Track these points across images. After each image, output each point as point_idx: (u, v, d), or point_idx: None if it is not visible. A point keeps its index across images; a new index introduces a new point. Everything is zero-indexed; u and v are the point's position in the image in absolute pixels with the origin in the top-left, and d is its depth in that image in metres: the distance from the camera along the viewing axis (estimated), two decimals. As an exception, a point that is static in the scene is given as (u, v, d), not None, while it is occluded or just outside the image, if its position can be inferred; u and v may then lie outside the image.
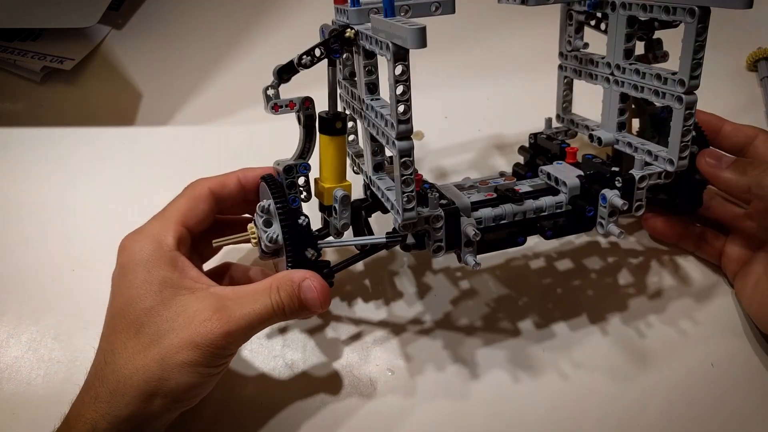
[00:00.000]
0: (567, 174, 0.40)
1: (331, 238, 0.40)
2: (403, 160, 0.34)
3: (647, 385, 0.42)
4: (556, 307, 0.46)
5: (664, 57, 0.43)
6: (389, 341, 0.45)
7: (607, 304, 0.46)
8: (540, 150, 0.46)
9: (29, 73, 0.62)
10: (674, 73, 0.37)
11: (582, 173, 0.40)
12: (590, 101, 0.45)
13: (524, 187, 0.42)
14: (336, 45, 0.35)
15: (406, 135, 0.33)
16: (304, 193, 0.40)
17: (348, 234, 0.41)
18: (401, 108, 0.33)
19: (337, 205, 0.38)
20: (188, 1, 0.69)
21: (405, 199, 0.35)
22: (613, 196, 0.38)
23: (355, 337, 0.45)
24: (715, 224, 0.47)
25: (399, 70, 0.32)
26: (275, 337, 0.45)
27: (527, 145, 0.48)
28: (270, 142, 0.49)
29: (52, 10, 0.60)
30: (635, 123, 0.46)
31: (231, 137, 0.57)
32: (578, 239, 0.49)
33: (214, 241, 0.40)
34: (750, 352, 0.44)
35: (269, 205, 0.37)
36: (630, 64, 0.40)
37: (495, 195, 0.41)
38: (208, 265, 0.44)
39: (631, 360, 0.44)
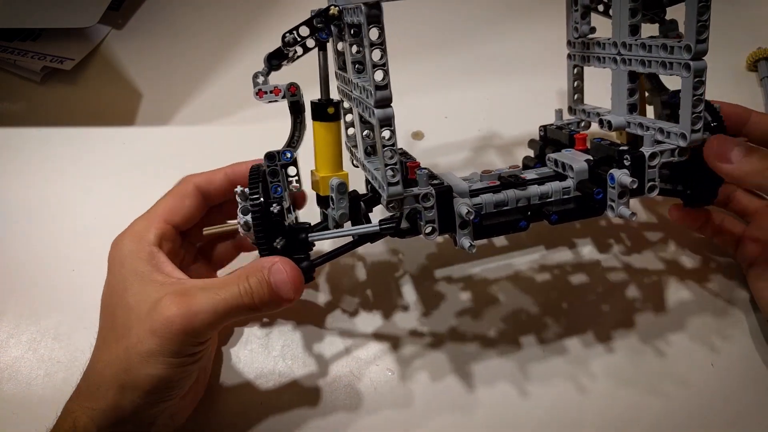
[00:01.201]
0: (575, 159, 0.39)
1: (324, 231, 0.38)
2: (384, 128, 0.33)
3: (647, 385, 0.42)
4: (556, 314, 0.46)
5: (679, 39, 0.40)
6: (389, 344, 0.45)
7: (608, 309, 0.46)
8: (550, 141, 0.46)
9: (29, 73, 0.62)
10: (680, 41, 0.36)
11: (591, 158, 0.39)
12: (604, 94, 0.45)
13: (530, 175, 0.40)
14: (321, 23, 0.35)
15: (384, 102, 0.32)
16: (295, 184, 0.39)
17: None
18: (378, 74, 0.32)
19: (333, 194, 0.36)
20: (188, 1, 0.69)
21: (389, 172, 0.33)
22: (621, 174, 0.36)
23: (355, 339, 0.45)
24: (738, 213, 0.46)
25: (375, 34, 0.31)
26: (275, 339, 0.45)
27: (537, 138, 0.48)
28: (270, 142, 0.48)
29: (52, 10, 0.60)
30: (650, 113, 0.45)
31: (231, 137, 0.57)
32: (584, 248, 0.49)
33: (204, 229, 0.39)
34: (750, 352, 0.44)
35: (242, 192, 0.36)
36: (636, 39, 0.38)
37: (498, 183, 0.39)
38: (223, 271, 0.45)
39: (632, 360, 0.44)
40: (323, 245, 0.44)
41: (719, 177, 0.39)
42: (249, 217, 0.36)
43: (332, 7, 0.35)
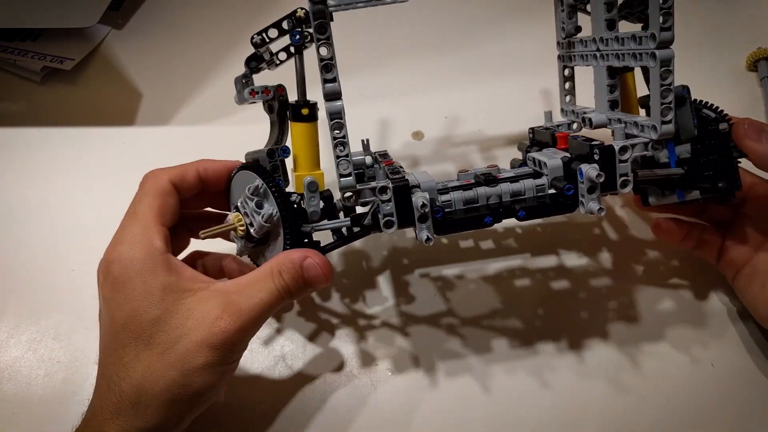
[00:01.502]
0: (551, 157, 0.38)
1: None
2: (333, 121, 0.34)
3: (648, 385, 0.42)
4: (555, 311, 0.46)
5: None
6: (389, 345, 0.45)
7: (606, 307, 0.46)
8: (537, 143, 0.45)
9: (29, 73, 0.62)
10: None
11: (568, 155, 0.38)
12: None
13: (508, 173, 0.39)
14: (290, 26, 0.35)
15: (332, 96, 0.34)
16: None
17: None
18: (326, 69, 0.33)
19: (305, 192, 0.37)
20: (188, 1, 0.69)
21: (342, 165, 0.35)
22: (590, 168, 0.35)
23: (355, 340, 0.45)
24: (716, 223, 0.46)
25: (320, 29, 0.33)
26: (275, 337, 0.45)
27: (528, 137, 0.48)
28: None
29: (52, 10, 0.60)
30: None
31: (231, 137, 0.57)
32: (570, 255, 0.49)
33: (201, 231, 0.38)
34: (750, 352, 0.44)
35: (260, 186, 0.36)
36: (612, 34, 0.38)
37: (473, 182, 0.38)
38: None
39: (631, 361, 0.44)
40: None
41: (735, 172, 0.39)
42: (266, 210, 0.36)
43: (299, 9, 0.35)
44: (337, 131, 0.34)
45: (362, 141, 0.45)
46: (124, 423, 0.32)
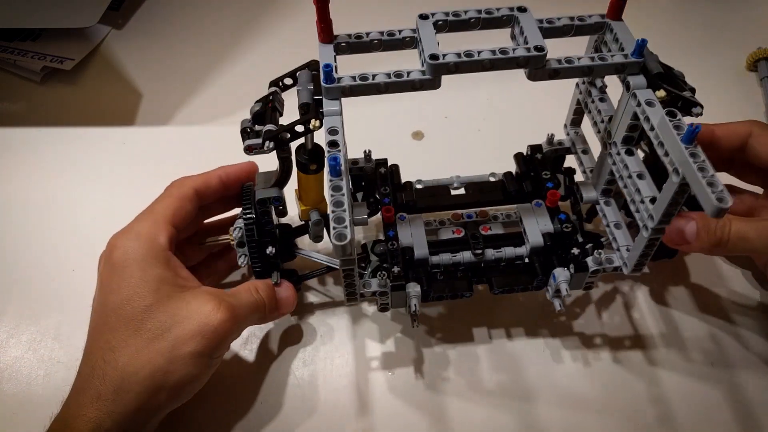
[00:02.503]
0: (535, 228, 0.42)
1: (304, 249, 0.43)
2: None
3: (647, 385, 0.42)
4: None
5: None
6: (389, 345, 0.45)
7: (607, 303, 0.46)
8: (532, 163, 0.46)
9: (29, 73, 0.62)
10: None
11: (551, 229, 0.41)
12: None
13: (495, 226, 0.44)
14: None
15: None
16: (279, 214, 0.43)
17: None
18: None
19: (311, 223, 0.41)
20: (188, 1, 0.69)
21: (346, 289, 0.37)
22: (562, 281, 0.39)
23: (355, 340, 0.45)
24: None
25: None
26: (275, 339, 0.45)
27: (525, 152, 0.47)
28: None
29: (52, 10, 0.60)
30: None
31: (231, 137, 0.57)
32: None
33: (202, 240, 0.43)
34: (749, 352, 0.44)
35: (241, 233, 0.39)
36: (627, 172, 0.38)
37: (462, 234, 0.43)
38: None
39: (631, 361, 0.44)
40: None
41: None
42: (244, 254, 0.40)
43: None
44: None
45: (364, 152, 0.45)
46: (102, 408, 0.33)
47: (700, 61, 0.61)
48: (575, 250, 0.40)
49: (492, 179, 0.46)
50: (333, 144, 0.34)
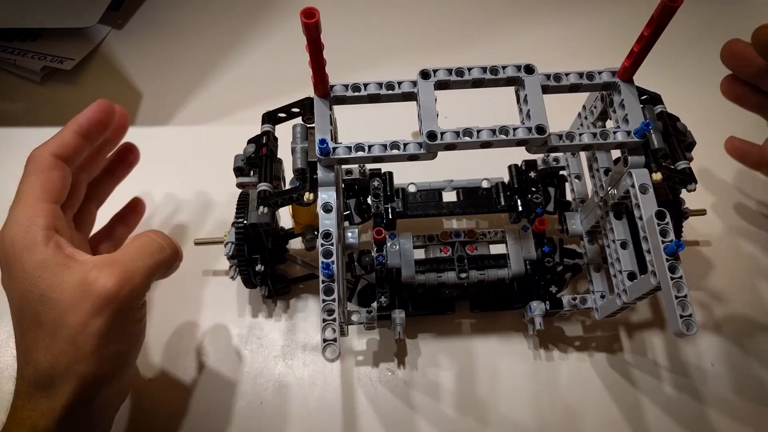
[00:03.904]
0: (519, 256, 0.43)
1: (297, 257, 0.46)
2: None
3: (647, 385, 0.42)
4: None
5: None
6: (389, 345, 0.45)
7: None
8: (524, 180, 0.45)
9: (29, 73, 0.62)
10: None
11: (534, 256, 0.42)
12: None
13: (481, 246, 0.44)
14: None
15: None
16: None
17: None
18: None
19: (305, 240, 0.44)
20: (188, 1, 0.69)
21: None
22: (537, 315, 0.41)
23: (355, 340, 0.45)
24: None
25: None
26: (275, 339, 0.45)
27: (519, 163, 0.47)
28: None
29: (52, 10, 0.60)
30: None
31: (231, 137, 0.57)
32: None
33: (195, 239, 0.44)
34: (749, 352, 0.44)
35: (230, 248, 0.41)
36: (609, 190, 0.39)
37: (449, 253, 0.44)
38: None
39: (631, 361, 0.44)
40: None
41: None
42: (233, 267, 0.42)
43: (307, 193, 0.35)
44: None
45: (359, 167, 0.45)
46: (34, 408, 0.32)
47: (700, 61, 0.61)
48: (553, 288, 0.41)
49: (485, 185, 0.46)
50: (327, 236, 0.33)
